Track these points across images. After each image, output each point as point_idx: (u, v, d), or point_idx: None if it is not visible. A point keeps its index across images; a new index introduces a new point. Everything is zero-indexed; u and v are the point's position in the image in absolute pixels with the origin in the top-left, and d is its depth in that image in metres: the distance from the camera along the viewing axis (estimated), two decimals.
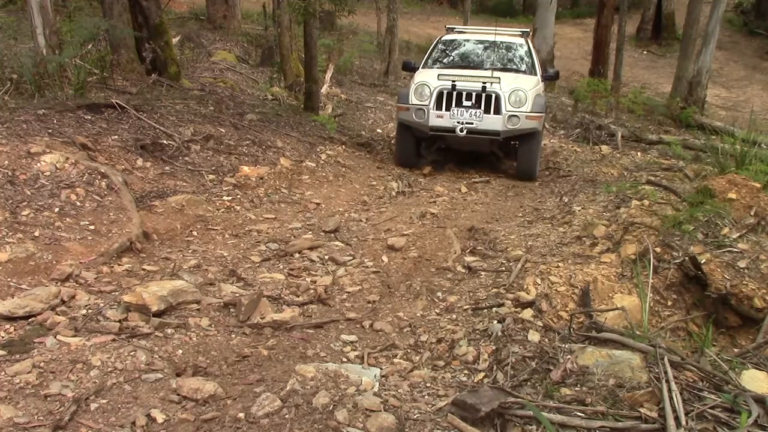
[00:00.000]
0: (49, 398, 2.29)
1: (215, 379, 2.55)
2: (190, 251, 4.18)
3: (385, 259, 4.16)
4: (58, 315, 2.95)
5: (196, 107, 6.92)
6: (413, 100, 6.99)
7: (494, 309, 3.23)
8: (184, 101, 7.04)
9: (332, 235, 4.70)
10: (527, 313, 3.15)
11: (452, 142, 7.34)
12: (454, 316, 3.24)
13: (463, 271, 3.97)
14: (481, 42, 8.34)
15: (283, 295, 3.52)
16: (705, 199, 4.32)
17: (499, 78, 6.70)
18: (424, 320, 3.24)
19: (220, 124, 6.59)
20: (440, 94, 6.83)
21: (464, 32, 8.82)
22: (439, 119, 6.80)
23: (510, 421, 2.20)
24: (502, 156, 7.57)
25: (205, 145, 6.01)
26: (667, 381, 2.33)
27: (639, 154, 8.24)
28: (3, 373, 2.43)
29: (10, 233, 3.67)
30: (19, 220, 3.81)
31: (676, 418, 2.14)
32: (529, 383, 2.45)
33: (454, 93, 6.82)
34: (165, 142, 5.71)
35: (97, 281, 3.49)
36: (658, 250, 3.77)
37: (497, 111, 6.70)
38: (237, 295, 3.39)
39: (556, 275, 3.56)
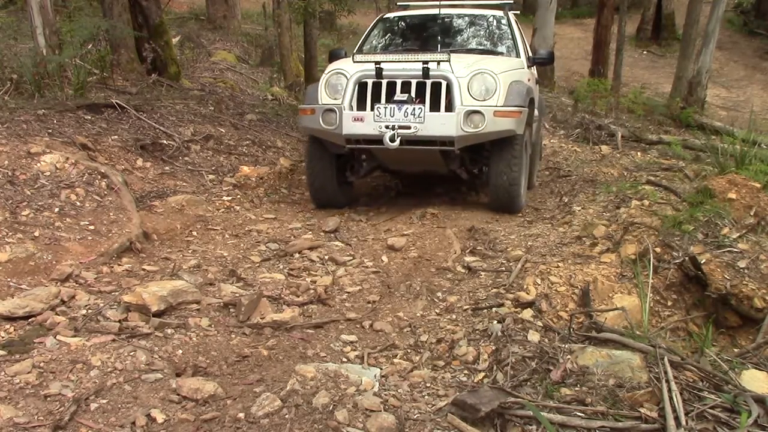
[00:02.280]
0: (49, 398, 2.29)
1: (215, 379, 2.55)
2: (190, 251, 4.18)
3: (385, 259, 4.16)
4: (58, 315, 2.95)
5: (196, 107, 6.93)
6: (323, 97, 4.90)
7: (494, 309, 3.23)
8: (184, 101, 7.04)
9: (332, 235, 4.70)
10: (527, 313, 3.15)
11: (386, 160, 5.16)
12: (454, 316, 3.24)
13: (463, 271, 3.97)
14: (439, 18, 6.10)
15: (283, 295, 3.52)
16: (705, 199, 4.32)
17: (448, 56, 4.55)
18: (424, 320, 3.23)
19: (220, 124, 6.59)
20: (360, 86, 4.75)
21: (418, 7, 6.56)
22: (358, 124, 4.65)
23: (510, 421, 2.20)
24: (473, 178, 5.33)
25: (205, 145, 6.02)
26: (667, 381, 2.33)
27: (639, 154, 8.24)
28: (3, 373, 2.43)
29: (10, 233, 3.67)
30: (19, 220, 3.81)
31: (676, 418, 2.14)
32: (529, 383, 2.45)
33: (383, 83, 4.68)
34: (165, 142, 5.72)
35: (97, 281, 3.48)
36: (658, 250, 3.77)
37: (449, 106, 4.63)
38: (237, 295, 3.39)
39: (556, 275, 3.56)
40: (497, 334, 2.90)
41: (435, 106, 4.67)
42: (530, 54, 6.07)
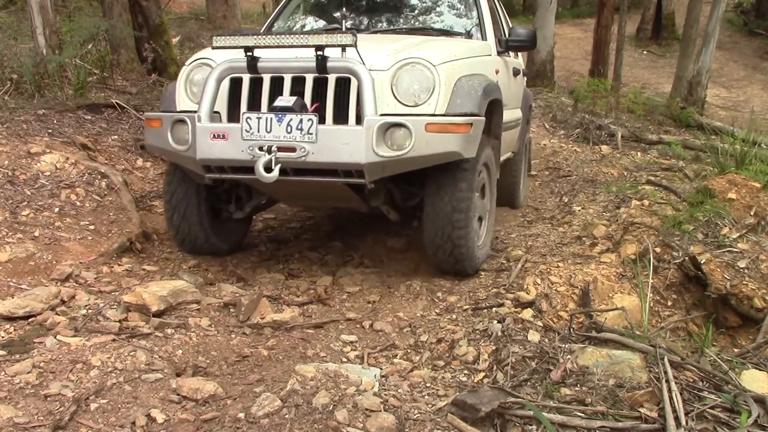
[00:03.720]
0: (49, 398, 2.29)
1: (215, 379, 2.55)
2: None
3: (384, 258, 4.16)
4: (58, 315, 2.95)
5: None
6: (181, 100, 3.51)
7: (494, 309, 3.23)
8: None
9: (332, 234, 4.70)
10: (527, 313, 3.15)
11: (273, 195, 3.83)
12: (454, 316, 3.24)
13: None
14: None
15: (283, 295, 3.52)
16: (705, 199, 4.32)
17: (354, 38, 3.00)
18: (424, 320, 3.23)
19: None
20: (233, 84, 3.32)
21: None
22: (219, 143, 3.16)
23: (510, 421, 2.20)
24: (408, 218, 3.81)
25: None
26: (667, 381, 2.33)
27: (639, 154, 8.24)
28: (3, 373, 2.43)
29: (10, 233, 3.67)
30: (19, 220, 3.81)
31: (676, 418, 2.14)
32: (529, 383, 2.45)
33: (265, 80, 3.25)
34: None
35: (97, 281, 3.48)
36: (658, 250, 3.78)
37: (358, 117, 3.13)
38: (237, 295, 3.39)
39: (556, 275, 3.56)
40: (497, 334, 2.90)
41: (340, 116, 3.15)
42: (506, 36, 4.54)
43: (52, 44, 6.26)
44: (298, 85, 3.23)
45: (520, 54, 6.05)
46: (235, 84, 3.33)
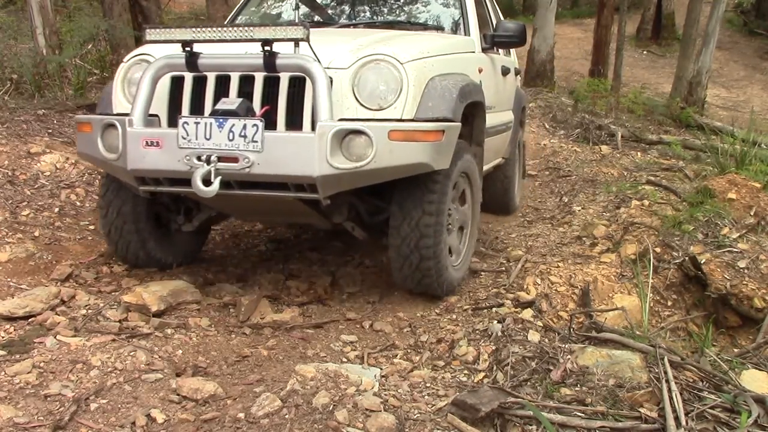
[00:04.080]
0: (49, 398, 2.29)
1: (215, 379, 2.55)
2: None
3: (384, 259, 4.16)
4: (58, 315, 2.95)
5: None
6: (119, 101, 3.14)
7: (494, 309, 3.23)
8: None
9: (332, 234, 4.70)
10: (527, 313, 3.15)
11: (221, 209, 3.43)
12: (454, 316, 3.24)
13: None
14: None
15: (283, 295, 3.52)
16: (705, 199, 4.32)
17: (306, 32, 2.63)
18: (424, 320, 3.23)
19: None
20: (174, 84, 2.96)
21: None
22: (152, 152, 2.81)
23: (510, 421, 2.20)
24: (376, 235, 3.40)
25: None
26: (667, 381, 2.33)
27: (639, 154, 8.24)
28: (3, 373, 2.43)
29: (10, 233, 3.67)
30: (19, 220, 3.81)
31: (676, 418, 2.14)
32: (529, 383, 2.45)
33: (210, 79, 2.90)
34: None
35: (97, 281, 3.48)
36: (658, 250, 3.78)
37: (314, 123, 2.73)
38: (237, 295, 3.39)
39: (556, 275, 3.57)
40: (497, 334, 2.90)
41: (295, 122, 2.81)
42: (493, 31, 4.10)
43: (52, 44, 6.26)
44: (247, 85, 2.86)
45: (514, 52, 5.61)
46: (177, 84, 2.96)
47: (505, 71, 4.70)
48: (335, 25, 4.03)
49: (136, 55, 3.21)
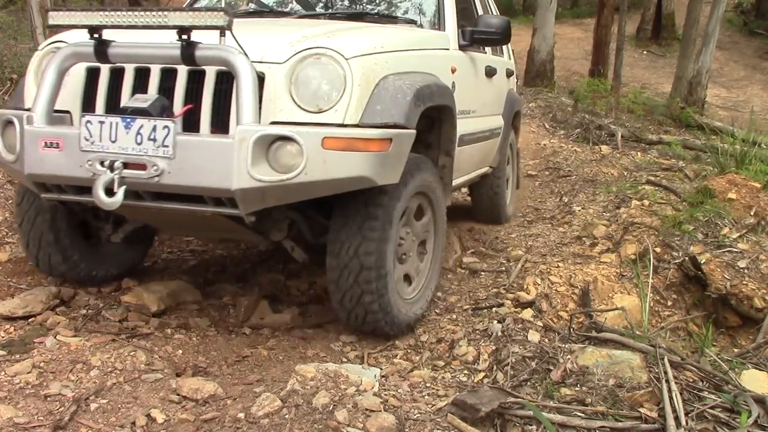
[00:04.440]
0: (49, 398, 2.29)
1: (215, 379, 2.56)
2: (189, 251, 4.18)
3: None
4: (58, 315, 2.95)
5: None
6: (30, 94, 2.76)
7: (494, 309, 3.23)
8: None
9: None
10: (527, 313, 3.15)
11: (140, 221, 3.05)
12: (454, 316, 3.24)
13: (463, 271, 3.97)
14: None
15: (282, 296, 3.52)
16: (705, 199, 4.33)
17: (227, 18, 2.27)
18: (424, 320, 3.24)
19: None
20: (86, 75, 2.62)
21: None
22: (51, 154, 2.46)
23: (510, 421, 2.20)
24: (317, 258, 2.92)
25: None
26: (667, 381, 2.33)
27: (639, 154, 8.24)
28: (3, 373, 2.43)
29: (10, 233, 3.67)
30: None
31: (676, 418, 2.14)
32: (529, 383, 2.45)
33: (129, 71, 2.55)
34: None
35: (96, 281, 3.48)
36: (658, 250, 3.78)
37: (238, 124, 2.35)
38: (237, 295, 3.39)
39: (556, 275, 3.57)
40: (497, 334, 2.90)
41: (222, 124, 2.44)
42: (477, 26, 3.60)
43: None
44: (170, 79, 2.49)
45: (509, 51, 5.22)
46: (93, 76, 2.60)
47: (491, 72, 4.20)
48: (294, 15, 3.60)
49: (50, 43, 2.81)
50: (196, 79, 2.48)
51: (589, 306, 3.29)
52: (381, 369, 2.71)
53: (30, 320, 2.89)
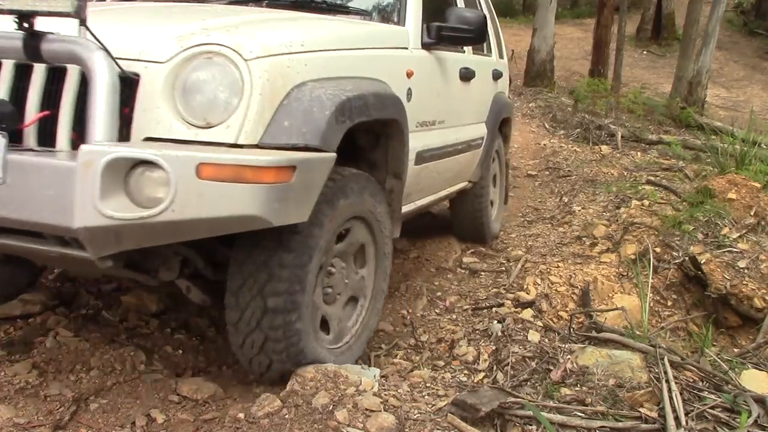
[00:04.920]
0: (49, 398, 2.29)
1: (215, 379, 2.56)
2: None
3: None
4: (58, 315, 2.95)
5: None
6: None
7: (494, 309, 3.23)
8: None
9: None
10: (527, 313, 3.15)
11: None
12: (454, 316, 3.24)
13: (463, 271, 3.97)
14: None
15: None
16: (705, 199, 4.33)
17: (76, 3, 1.72)
18: (424, 320, 3.24)
19: None
20: None
21: None
22: None
23: (510, 421, 2.19)
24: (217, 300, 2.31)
25: None
26: (667, 381, 2.33)
27: (639, 154, 8.25)
28: (3, 373, 2.43)
29: None
30: None
31: (676, 418, 2.14)
32: (529, 383, 2.45)
33: None
34: None
35: (97, 281, 3.48)
36: (658, 250, 3.78)
37: (84, 142, 1.78)
38: None
39: (556, 275, 3.57)
40: (497, 334, 2.91)
41: (48, 138, 1.94)
42: (447, 20, 3.06)
43: None
44: (25, 78, 1.97)
45: (498, 48, 4.67)
46: None
47: (467, 75, 3.60)
48: (223, 1, 3.01)
49: None
50: (57, 80, 1.95)
51: (589, 306, 3.29)
52: (381, 369, 2.71)
53: (30, 320, 2.89)
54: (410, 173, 2.87)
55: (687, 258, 3.64)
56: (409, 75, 2.82)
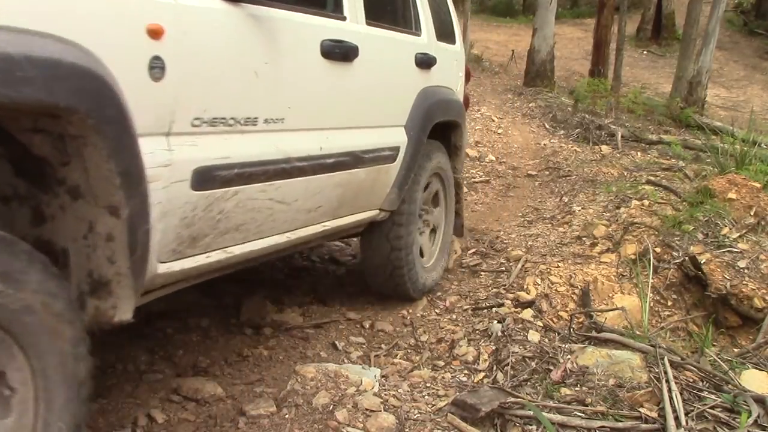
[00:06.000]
0: None
1: (215, 379, 2.56)
2: None
3: None
4: None
5: None
6: None
7: (494, 309, 3.23)
8: None
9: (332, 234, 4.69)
10: (527, 313, 3.15)
11: None
12: (454, 316, 3.24)
13: (463, 271, 3.97)
14: None
15: (283, 296, 3.52)
16: (705, 199, 4.32)
17: None
18: (424, 320, 3.24)
19: None
20: None
21: None
22: None
23: (510, 421, 2.20)
24: None
25: None
26: (667, 381, 2.33)
27: (639, 154, 8.24)
28: None
29: None
30: None
31: (676, 418, 2.14)
32: (529, 383, 2.45)
33: None
34: None
35: None
36: (658, 250, 3.78)
37: None
38: (237, 295, 3.39)
39: (556, 275, 3.57)
40: (497, 334, 2.91)
41: None
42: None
43: None
44: None
45: (437, 29, 3.44)
46: None
47: (342, 52, 2.44)
48: None
49: None
50: None
51: (589, 306, 3.29)
52: (381, 369, 2.71)
53: None
54: (179, 204, 1.82)
55: (687, 258, 3.64)
56: (156, 34, 1.69)
